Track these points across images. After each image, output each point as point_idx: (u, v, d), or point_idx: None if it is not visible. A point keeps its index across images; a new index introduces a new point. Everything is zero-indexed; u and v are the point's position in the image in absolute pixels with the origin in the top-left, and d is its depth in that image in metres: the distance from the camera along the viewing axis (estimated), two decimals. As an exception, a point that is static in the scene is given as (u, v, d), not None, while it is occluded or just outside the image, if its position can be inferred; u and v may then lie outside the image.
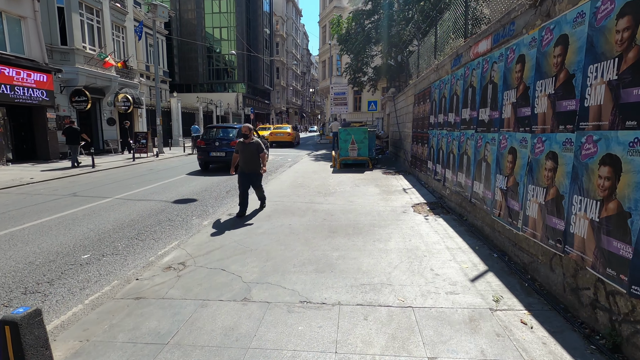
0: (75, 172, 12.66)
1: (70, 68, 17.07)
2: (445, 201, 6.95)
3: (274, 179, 10.77)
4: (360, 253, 4.47)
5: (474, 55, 5.52)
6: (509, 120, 4.28)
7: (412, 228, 5.45)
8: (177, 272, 4.08)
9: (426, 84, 8.98)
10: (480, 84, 5.25)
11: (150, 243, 5.35)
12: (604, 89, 2.67)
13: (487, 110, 4.96)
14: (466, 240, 4.82)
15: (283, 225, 5.79)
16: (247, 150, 6.34)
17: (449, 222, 5.68)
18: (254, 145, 6.35)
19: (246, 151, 6.34)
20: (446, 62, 7.08)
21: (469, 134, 5.68)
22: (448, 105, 6.94)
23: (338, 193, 8.27)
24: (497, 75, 4.66)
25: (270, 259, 4.37)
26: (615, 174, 2.52)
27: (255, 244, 4.95)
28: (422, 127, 9.38)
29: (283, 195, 8.07)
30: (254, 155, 6.39)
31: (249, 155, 6.36)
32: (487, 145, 4.93)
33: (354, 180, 10.09)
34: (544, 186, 3.46)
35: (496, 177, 4.60)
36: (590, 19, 2.85)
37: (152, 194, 8.87)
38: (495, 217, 4.61)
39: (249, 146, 6.34)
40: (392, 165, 13.52)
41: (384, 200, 7.45)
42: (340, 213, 6.44)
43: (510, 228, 4.17)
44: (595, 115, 2.76)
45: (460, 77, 6.19)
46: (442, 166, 7.30)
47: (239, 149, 6.38)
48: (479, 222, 5.18)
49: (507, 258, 4.15)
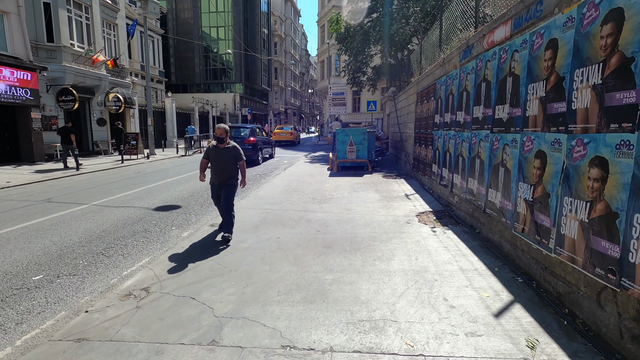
0: (58, 175, 11.95)
1: (57, 66, 16.34)
2: (454, 210, 6.26)
3: (267, 182, 10.07)
4: (359, 276, 3.77)
5: (489, 45, 4.83)
6: (536, 119, 3.59)
7: (418, 243, 4.75)
8: (136, 301, 3.37)
9: (430, 81, 8.30)
10: (497, 77, 4.56)
11: (117, 260, 4.65)
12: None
13: (506, 107, 4.27)
14: (482, 259, 4.12)
15: (271, 238, 5.09)
16: (220, 158, 4.98)
17: (460, 236, 4.98)
18: (230, 151, 4.99)
19: (219, 159, 4.98)
20: (454, 55, 6.39)
21: (483, 134, 4.99)
22: (456, 103, 6.25)
23: (334, 199, 7.57)
24: (519, 65, 3.97)
25: (251, 283, 3.67)
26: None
27: (236, 262, 4.25)
28: (426, 127, 8.70)
29: (274, 202, 7.36)
30: (229, 165, 5.02)
31: (223, 165, 4.99)
32: (506, 148, 4.24)
33: (352, 184, 9.39)
34: (588, 200, 2.77)
35: (518, 186, 3.91)
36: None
37: (133, 200, 8.16)
38: (517, 233, 3.92)
39: (223, 153, 4.97)
40: (393, 168, 12.83)
41: (385, 208, 6.75)
42: (336, 224, 5.74)
43: (538, 248, 3.47)
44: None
45: (472, 70, 5.51)
46: (449, 170, 6.61)
47: (211, 155, 5.04)
48: (496, 237, 4.49)
49: (535, 284, 3.45)
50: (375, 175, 10.96)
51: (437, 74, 7.64)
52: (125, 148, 17.37)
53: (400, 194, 8.00)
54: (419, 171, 9.65)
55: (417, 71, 11.11)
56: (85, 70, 17.52)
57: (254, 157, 14.76)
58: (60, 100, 16.77)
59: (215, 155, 5.02)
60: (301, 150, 23.09)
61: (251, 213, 6.52)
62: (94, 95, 19.20)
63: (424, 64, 9.97)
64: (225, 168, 5.03)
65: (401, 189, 8.60)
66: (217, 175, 5.08)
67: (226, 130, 4.99)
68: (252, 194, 8.29)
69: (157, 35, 33.83)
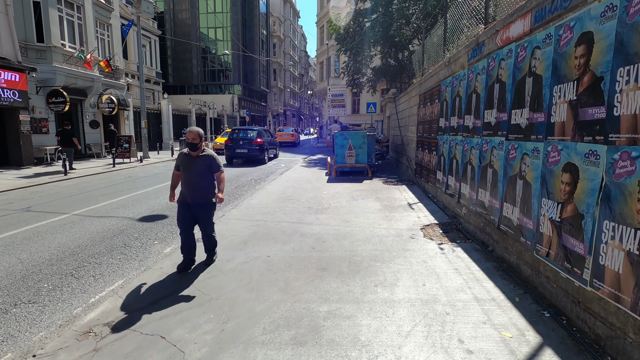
0: (44, 180, 11.42)
1: (47, 67, 15.82)
2: (462, 222, 5.75)
3: (262, 189, 9.56)
4: (358, 308, 3.25)
5: (503, 42, 4.33)
6: (564, 126, 3.08)
7: (424, 263, 4.23)
8: (95, 342, 2.86)
9: (434, 82, 7.80)
10: (514, 78, 4.05)
11: (87, 283, 4.13)
12: None
13: (525, 111, 3.77)
14: (499, 286, 3.61)
15: (260, 257, 4.57)
16: (193, 169, 4.06)
17: (471, 255, 4.46)
18: (205, 160, 4.07)
19: (192, 170, 4.06)
20: (461, 54, 5.90)
21: (496, 141, 4.48)
22: (464, 106, 5.75)
23: (332, 209, 7.05)
24: (542, 64, 3.47)
25: (232, 317, 3.15)
26: None
27: (219, 288, 3.73)
28: (429, 131, 8.19)
29: (267, 212, 6.85)
30: (204, 177, 4.11)
31: (196, 177, 4.07)
32: (525, 158, 3.73)
33: (351, 191, 8.88)
34: (637, 227, 2.26)
35: (541, 202, 3.40)
36: None
37: (118, 209, 7.64)
38: (540, 257, 3.41)
39: (196, 162, 4.06)
40: (394, 173, 12.32)
41: (387, 219, 6.24)
42: (333, 239, 5.22)
43: (568, 277, 2.96)
44: None
45: (482, 70, 5.00)
46: (456, 179, 6.10)
47: (181, 165, 4.13)
48: (513, 258, 3.97)
49: (565, 321, 2.93)
50: (375, 181, 10.45)
51: (442, 74, 7.14)
52: (118, 151, 16.85)
53: (403, 203, 7.49)
54: (421, 177, 9.14)
55: (419, 72, 10.62)
56: (76, 71, 17.01)
57: (261, 156, 16.11)
58: (50, 102, 16.25)
59: (186, 165, 4.09)
60: (300, 153, 22.61)
61: (241, 225, 6.01)
62: (87, 97, 18.70)
63: (427, 64, 9.48)
64: (199, 181, 4.08)
65: (403, 197, 8.08)
66: (189, 190, 4.11)
67: (200, 134, 4.05)
68: (245, 203, 7.78)
69: (154, 36, 33.36)
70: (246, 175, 12.54)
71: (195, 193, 4.10)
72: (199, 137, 4.05)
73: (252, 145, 15.74)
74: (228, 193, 9.33)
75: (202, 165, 4.07)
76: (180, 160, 4.17)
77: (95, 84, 18.38)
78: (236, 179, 11.79)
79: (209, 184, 4.17)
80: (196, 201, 4.13)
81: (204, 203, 4.19)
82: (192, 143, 4.02)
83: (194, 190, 4.10)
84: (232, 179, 11.78)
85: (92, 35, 18.76)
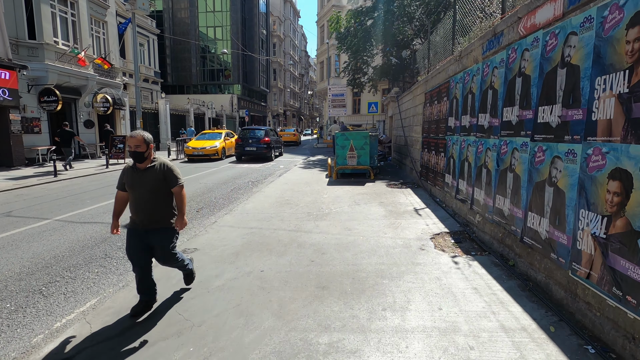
0: (32, 182, 10.94)
1: (39, 65, 15.34)
2: (475, 231, 5.25)
3: (259, 192, 9.06)
4: (364, 339, 2.75)
5: (527, 30, 3.83)
6: (610, 125, 2.59)
7: (438, 281, 3.73)
8: (48, 385, 2.36)
9: (442, 79, 7.30)
10: (541, 70, 3.56)
11: (56, 302, 3.64)
12: None
13: (557, 108, 3.27)
14: (528, 310, 3.10)
15: (252, 272, 4.07)
16: (143, 185, 3.06)
17: (490, 270, 3.96)
18: (158, 172, 3.09)
19: (141, 186, 3.06)
20: (475, 47, 5.40)
21: (518, 143, 3.99)
22: (478, 104, 5.25)
23: (333, 215, 6.55)
24: (580, 52, 2.97)
25: (216, 350, 2.65)
26: None
27: (203, 311, 3.24)
28: (437, 131, 7.69)
29: (263, 219, 6.35)
30: (158, 194, 3.11)
31: (148, 194, 3.07)
32: (557, 162, 3.24)
33: (353, 195, 8.38)
34: None
35: (579, 214, 2.90)
36: None
37: (104, 214, 7.15)
38: (578, 278, 2.91)
39: (146, 176, 3.07)
40: (397, 175, 11.82)
41: (393, 227, 5.74)
42: (334, 250, 4.72)
43: (619, 307, 2.46)
44: None
45: (500, 63, 4.51)
46: (469, 183, 5.60)
47: (127, 182, 3.10)
48: (541, 277, 3.47)
49: (615, 359, 2.43)
50: (378, 184, 9.95)
51: (452, 70, 6.64)
52: (112, 152, 16.35)
53: (409, 208, 6.98)
54: (427, 180, 8.64)
55: (424, 69, 10.13)
56: (70, 70, 16.53)
57: (268, 154, 17.53)
58: (42, 101, 15.77)
59: (133, 182, 3.06)
60: (299, 154, 22.12)
61: (234, 234, 5.51)
62: (81, 96, 18.21)
63: (433, 60, 8.99)
64: (151, 201, 3.07)
65: (409, 202, 7.58)
66: (139, 214, 3.10)
67: (146, 140, 3.02)
68: (239, 208, 7.28)
69: (153, 35, 32.91)
70: (243, 177, 12.05)
71: (147, 217, 3.10)
72: (145, 144, 3.02)
73: (260, 144, 17.20)
74: (224, 196, 8.85)
75: (154, 179, 3.06)
76: (125, 176, 3.12)
77: (90, 82, 17.89)
78: (232, 180, 11.30)
79: (165, 203, 3.17)
80: (150, 227, 3.12)
81: (161, 229, 3.16)
82: (136, 152, 2.99)
83: (145, 214, 3.09)
84: (228, 180, 11.29)
85: (87, 33, 18.28)
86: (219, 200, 8.38)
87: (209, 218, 6.75)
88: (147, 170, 3.08)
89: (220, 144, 18.02)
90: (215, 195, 8.96)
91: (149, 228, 3.14)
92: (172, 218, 3.24)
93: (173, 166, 3.20)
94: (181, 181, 3.19)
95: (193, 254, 4.68)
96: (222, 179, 11.58)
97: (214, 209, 7.51)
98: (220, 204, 7.93)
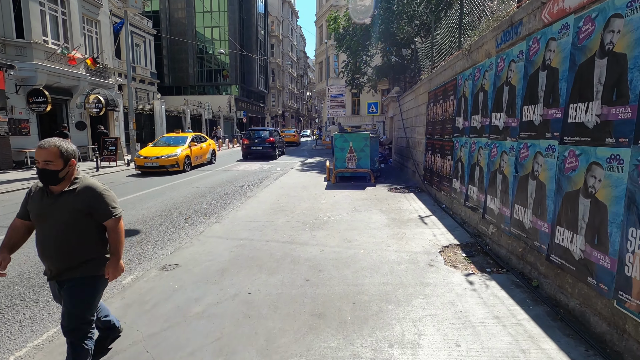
0: (16, 186, 10.40)
1: (27, 64, 14.82)
2: (488, 243, 4.74)
3: (253, 197, 8.55)
4: (368, 390, 2.23)
5: (554, 16, 3.33)
6: (674, 124, 2.08)
7: (452, 306, 3.21)
8: None
9: (448, 76, 6.80)
10: (572, 62, 3.05)
11: (9, 332, 3.15)
12: None
13: (594, 106, 2.76)
14: (565, 348, 2.58)
15: (238, 295, 3.55)
16: (54, 215, 2.15)
17: (512, 293, 3.44)
18: (77, 201, 2.17)
19: (53, 217, 2.15)
20: (487, 40, 4.90)
21: (542, 146, 3.48)
22: (491, 103, 4.75)
23: (331, 223, 6.04)
24: (626, 39, 2.47)
25: (184, 406, 2.13)
26: None
27: (175, 348, 2.71)
28: (442, 132, 7.19)
29: (255, 228, 5.83)
30: (77, 230, 2.19)
31: (62, 229, 2.16)
32: (595, 170, 2.73)
33: (353, 200, 7.87)
34: None
35: (628, 233, 2.40)
36: None
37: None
38: (628, 312, 2.40)
39: (60, 203, 2.15)
40: (399, 179, 11.31)
41: (397, 238, 5.22)
42: (332, 266, 4.20)
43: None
44: None
45: (519, 56, 4.00)
46: (480, 190, 5.10)
47: (33, 210, 2.21)
48: (574, 303, 2.96)
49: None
50: (379, 188, 9.44)
51: (459, 66, 6.14)
52: (104, 154, 15.83)
53: (413, 216, 6.47)
54: (432, 184, 8.14)
55: (427, 67, 9.63)
56: (60, 70, 16.00)
57: (273, 153, 18.75)
58: (31, 102, 15.23)
59: (41, 211, 2.18)
60: (298, 155, 21.60)
61: (222, 246, 4.99)
62: (72, 97, 17.68)
63: (437, 57, 8.49)
64: (65, 240, 2.17)
65: (413, 208, 7.07)
66: (47, 256, 2.21)
67: (62, 153, 2.13)
68: (230, 215, 6.76)
69: (149, 35, 32.41)
70: (238, 180, 11.53)
71: (60, 262, 2.19)
72: (62, 159, 2.12)
73: (265, 143, 18.42)
74: (216, 201, 8.33)
75: (72, 210, 2.15)
76: (32, 202, 2.23)
77: (81, 83, 17.37)
78: (227, 184, 10.78)
79: (88, 242, 2.26)
80: (63, 277, 2.22)
81: (78, 279, 2.22)
82: (46, 170, 2.09)
83: (58, 258, 2.19)
84: (222, 184, 10.78)
85: (78, 32, 17.76)
86: (211, 206, 7.86)
87: (197, 227, 6.24)
88: (62, 196, 2.15)
89: (183, 152, 13.66)
90: (207, 200, 8.45)
91: (62, 278, 2.22)
92: (98, 263, 2.29)
93: (104, 190, 2.27)
94: (117, 212, 2.27)
95: (173, 271, 4.16)
96: (216, 183, 11.06)
97: (204, 216, 7.00)
98: (212, 211, 7.42)
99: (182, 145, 14.09)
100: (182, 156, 13.49)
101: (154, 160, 13.01)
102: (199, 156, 15.25)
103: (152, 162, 13.01)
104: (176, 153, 13.37)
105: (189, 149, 14.21)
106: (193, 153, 14.49)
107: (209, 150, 16.50)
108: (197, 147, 15.11)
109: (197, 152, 14.96)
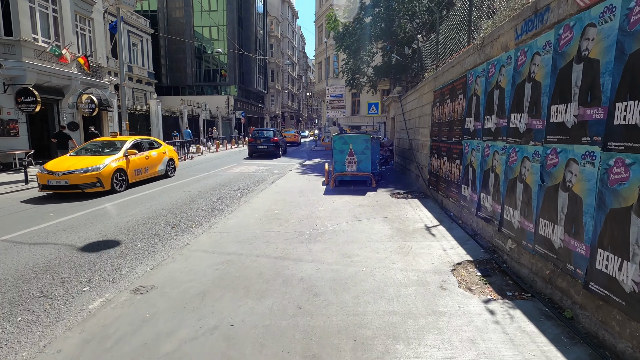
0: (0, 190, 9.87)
1: (16, 63, 14.30)
2: (506, 260, 4.20)
3: (247, 202, 8.01)
4: None
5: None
6: None
7: (473, 345, 2.67)
8: None
9: (457, 73, 6.27)
10: (619, 51, 2.52)
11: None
12: None
13: (653, 104, 2.23)
14: (620, 409, 2.06)
15: (218, 327, 3.01)
16: None
17: (542, 326, 2.90)
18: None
19: None
20: (504, 31, 4.36)
21: (577, 152, 2.95)
22: (509, 102, 4.22)
23: (329, 234, 5.50)
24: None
25: None
26: None
27: (133, 406, 2.18)
28: (449, 134, 6.66)
29: (245, 240, 5.29)
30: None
31: None
32: (654, 183, 2.19)
33: (353, 207, 7.33)
34: None
35: None
36: None
37: (63, 231, 6.11)
38: None
39: None
40: (401, 183, 10.77)
41: (402, 253, 4.68)
42: (329, 289, 3.66)
43: None
44: None
45: (545, 48, 3.47)
46: (496, 199, 4.56)
47: None
48: (624, 346, 2.43)
49: None
50: (381, 193, 8.91)
51: (469, 62, 5.61)
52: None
53: (419, 225, 5.94)
54: (437, 190, 7.60)
55: (432, 65, 9.11)
56: (50, 68, 15.48)
57: (277, 152, 20.48)
58: (20, 102, 14.70)
59: None
60: (296, 157, 21.08)
61: (206, 263, 4.45)
62: (64, 97, 17.15)
63: (443, 54, 7.96)
64: None
65: (418, 216, 6.53)
66: None
67: None
68: (220, 224, 6.23)
69: (147, 34, 31.89)
70: (234, 184, 11.00)
71: None
72: None
73: (270, 143, 20.22)
74: (207, 207, 7.81)
75: None
76: None
77: (73, 82, 16.85)
78: (221, 188, 10.25)
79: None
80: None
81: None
82: None
83: None
84: (216, 188, 10.25)
85: (70, 30, 17.24)
86: (201, 212, 7.34)
87: (183, 237, 5.71)
88: None
89: (113, 164, 9.57)
90: (197, 206, 7.92)
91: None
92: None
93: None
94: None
95: (147, 294, 3.63)
96: (209, 186, 10.52)
97: (192, 224, 6.48)
98: (201, 218, 6.90)
99: (114, 155, 9.91)
100: (107, 170, 9.26)
101: (61, 177, 8.69)
102: (144, 168, 11.04)
103: (58, 179, 8.69)
104: (98, 166, 9.12)
105: (124, 159, 10.06)
106: (131, 165, 10.34)
107: (163, 160, 12.13)
108: (140, 157, 10.83)
109: (138, 163, 10.72)
